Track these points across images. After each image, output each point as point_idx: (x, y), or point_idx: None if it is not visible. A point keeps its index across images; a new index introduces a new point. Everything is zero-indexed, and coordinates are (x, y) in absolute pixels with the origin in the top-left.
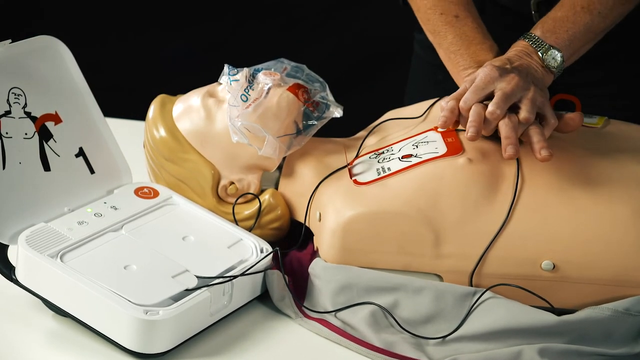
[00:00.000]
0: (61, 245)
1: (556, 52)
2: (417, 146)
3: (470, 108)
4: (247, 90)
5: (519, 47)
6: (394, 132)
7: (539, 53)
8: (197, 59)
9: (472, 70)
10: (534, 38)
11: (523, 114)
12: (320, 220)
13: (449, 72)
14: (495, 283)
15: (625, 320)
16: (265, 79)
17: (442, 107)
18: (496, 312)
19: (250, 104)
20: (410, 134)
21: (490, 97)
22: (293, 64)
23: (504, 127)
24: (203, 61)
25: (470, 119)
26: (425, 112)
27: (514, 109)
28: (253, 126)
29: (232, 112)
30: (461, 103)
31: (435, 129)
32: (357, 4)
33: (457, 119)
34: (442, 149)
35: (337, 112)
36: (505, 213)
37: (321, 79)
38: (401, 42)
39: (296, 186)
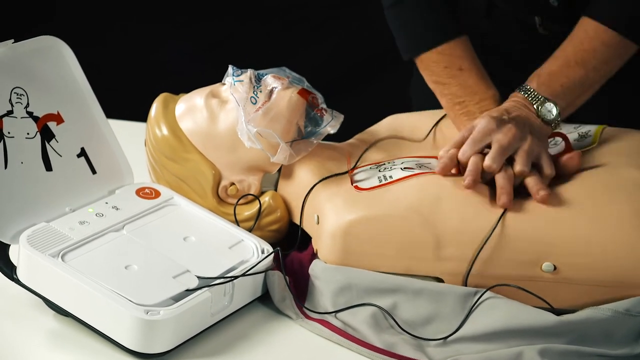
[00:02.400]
0: (62, 244)
1: (551, 105)
2: (420, 166)
3: (468, 159)
4: (255, 93)
5: (515, 99)
6: (397, 154)
7: (534, 106)
8: (197, 59)
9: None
10: (529, 91)
11: (518, 167)
12: (318, 223)
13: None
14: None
15: (626, 320)
16: (274, 81)
17: (441, 155)
18: (496, 312)
19: (259, 107)
20: (414, 154)
21: (488, 146)
22: (294, 74)
23: (500, 179)
24: (203, 61)
25: (468, 170)
26: (428, 134)
27: (510, 160)
28: (266, 132)
29: (242, 115)
30: (459, 155)
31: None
32: (358, 3)
33: (456, 167)
34: None
35: (337, 124)
36: (505, 216)
37: (319, 93)
38: None
39: (294, 188)
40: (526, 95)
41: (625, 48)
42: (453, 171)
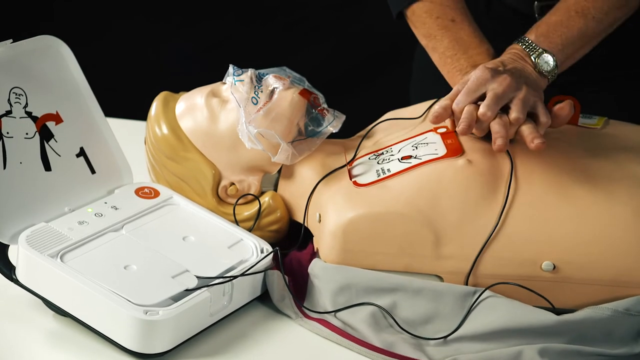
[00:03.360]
0: (61, 245)
1: (549, 57)
2: (416, 147)
3: (462, 109)
4: (256, 93)
5: (513, 51)
6: (393, 133)
7: (532, 57)
8: (197, 59)
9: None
10: (527, 42)
11: (513, 114)
12: (320, 221)
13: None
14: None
15: (626, 320)
16: (275, 82)
17: (435, 109)
18: (496, 311)
19: (260, 108)
20: (410, 134)
21: (482, 98)
22: (295, 74)
23: (495, 125)
24: (203, 61)
25: (462, 117)
26: (424, 113)
27: (505, 109)
28: (267, 132)
29: (243, 116)
30: (454, 105)
31: (435, 130)
32: (358, 3)
33: (451, 119)
34: (442, 150)
35: (338, 123)
36: (505, 214)
37: (320, 93)
38: (402, 41)
39: (295, 187)
40: (524, 47)
41: (627, 1)
42: (447, 122)
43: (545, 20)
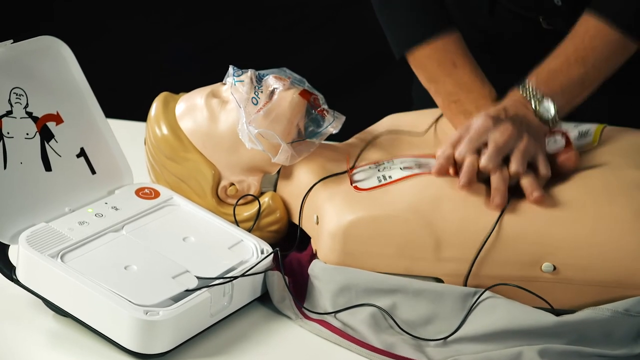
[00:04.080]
0: (62, 245)
1: (550, 104)
2: (419, 166)
3: (464, 159)
4: (256, 93)
5: (514, 97)
6: (396, 150)
7: (532, 104)
8: (197, 59)
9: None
10: (528, 89)
11: (513, 167)
12: (317, 223)
13: (447, 118)
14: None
15: (625, 321)
16: (275, 82)
17: (438, 156)
18: (496, 312)
19: (260, 108)
20: (413, 154)
21: (484, 144)
22: (295, 75)
23: (495, 180)
24: (203, 61)
25: (463, 170)
26: (429, 128)
27: (506, 159)
28: (267, 133)
29: (243, 116)
30: (456, 154)
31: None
32: (357, 4)
33: (453, 167)
34: None
35: (338, 124)
36: (505, 217)
37: (320, 94)
38: None
39: (294, 188)
40: (525, 94)
41: (626, 46)
42: (450, 171)
43: (546, 67)
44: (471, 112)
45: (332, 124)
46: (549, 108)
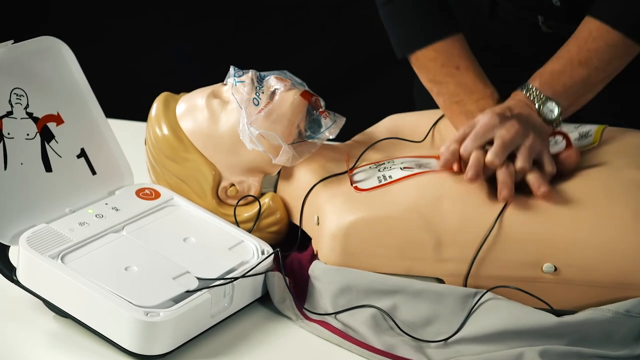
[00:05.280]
0: (62, 246)
1: (553, 105)
2: (419, 166)
3: (470, 154)
4: (257, 94)
5: (517, 97)
6: (397, 152)
7: (536, 105)
8: (197, 59)
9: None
10: (531, 90)
11: (519, 163)
12: (318, 223)
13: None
14: (496, 285)
15: (626, 321)
16: (276, 83)
17: (442, 151)
18: (497, 313)
19: (262, 109)
20: (413, 154)
21: (490, 142)
22: (295, 78)
23: (501, 175)
24: (203, 61)
25: (470, 164)
26: (428, 133)
27: (511, 156)
28: (268, 134)
29: (244, 117)
30: (462, 150)
31: (439, 157)
32: (358, 3)
33: (458, 163)
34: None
35: (339, 126)
36: (506, 217)
37: (320, 97)
38: None
39: (293, 189)
40: (528, 95)
41: (629, 48)
42: (454, 167)
43: (549, 69)
44: (473, 112)
45: (333, 126)
46: (553, 109)
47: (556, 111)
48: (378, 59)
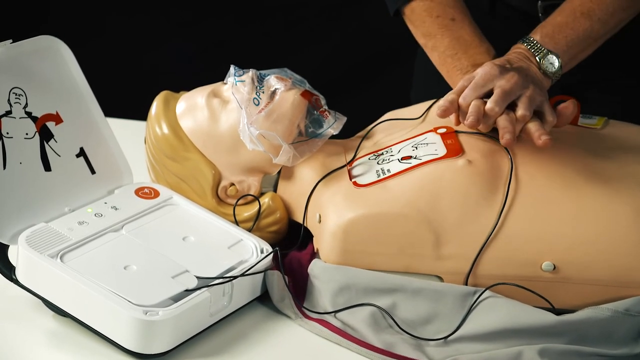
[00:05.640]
0: (61, 245)
1: (554, 58)
2: (416, 147)
3: (469, 104)
4: (258, 94)
5: (518, 50)
6: (393, 133)
7: (536, 57)
8: (197, 59)
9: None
10: (532, 42)
11: (520, 111)
12: (320, 221)
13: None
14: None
15: (626, 320)
16: (277, 82)
17: (440, 104)
18: (496, 312)
19: (262, 109)
20: (409, 135)
21: (489, 94)
22: (296, 75)
23: (502, 121)
24: (203, 61)
25: (470, 111)
26: (424, 113)
27: (512, 107)
28: (269, 134)
29: (245, 117)
30: (460, 99)
31: (435, 130)
32: (358, 3)
33: (456, 113)
34: (442, 150)
35: (339, 125)
36: (505, 214)
37: (321, 95)
38: (402, 41)
39: (295, 187)
40: (529, 47)
41: (633, 1)
42: (452, 118)
43: (551, 21)
44: (467, 68)
45: (333, 125)
46: (553, 62)
47: (556, 64)
48: (378, 59)
